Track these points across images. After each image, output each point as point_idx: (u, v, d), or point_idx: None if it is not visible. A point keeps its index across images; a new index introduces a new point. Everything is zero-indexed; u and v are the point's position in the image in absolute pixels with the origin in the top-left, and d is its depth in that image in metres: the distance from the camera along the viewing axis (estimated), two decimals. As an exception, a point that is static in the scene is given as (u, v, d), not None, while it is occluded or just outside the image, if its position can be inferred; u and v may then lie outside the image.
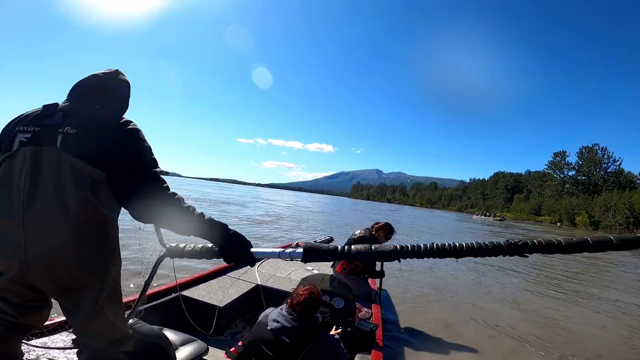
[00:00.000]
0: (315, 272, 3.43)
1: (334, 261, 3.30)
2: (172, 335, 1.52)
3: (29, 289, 1.00)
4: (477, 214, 61.78)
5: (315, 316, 1.74)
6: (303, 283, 2.39)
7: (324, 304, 2.13)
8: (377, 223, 3.35)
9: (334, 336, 1.92)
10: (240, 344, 1.68)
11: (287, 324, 1.64)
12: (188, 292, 2.43)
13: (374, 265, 3.22)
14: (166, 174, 1.08)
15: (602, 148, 66.91)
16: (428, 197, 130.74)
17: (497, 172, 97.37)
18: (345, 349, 1.83)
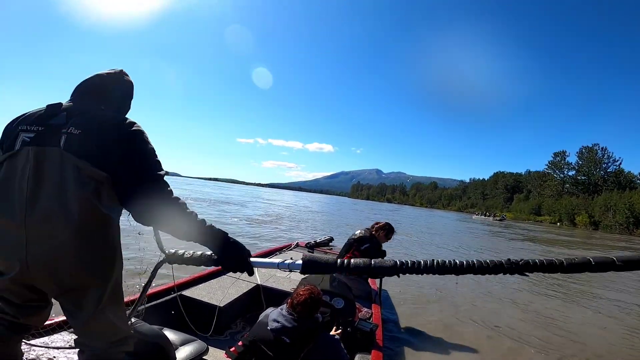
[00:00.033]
0: (316, 272, 3.43)
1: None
2: (172, 335, 1.52)
3: (29, 289, 1.00)
4: (477, 214, 61.78)
5: (316, 316, 1.74)
6: (303, 283, 2.39)
7: (324, 304, 2.13)
8: (377, 223, 3.35)
9: (334, 336, 1.92)
10: (241, 343, 1.68)
11: (287, 324, 1.63)
12: (188, 292, 2.43)
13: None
14: (166, 173, 1.08)
15: (602, 148, 67.01)
16: (428, 197, 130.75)
17: (497, 172, 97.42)
18: (345, 349, 1.83)
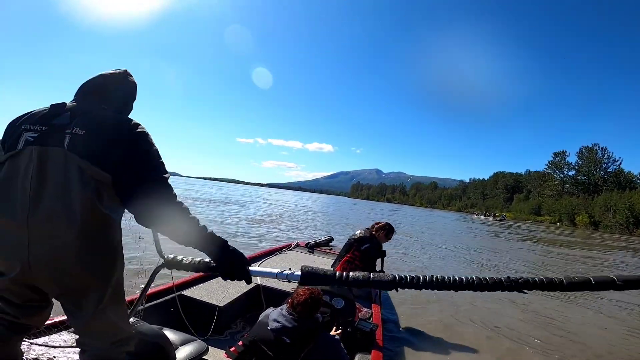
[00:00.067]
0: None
1: (334, 260, 3.30)
2: (172, 335, 1.52)
3: (30, 289, 0.99)
4: (477, 214, 61.78)
5: (316, 316, 1.74)
6: (303, 283, 2.39)
7: (324, 304, 2.13)
8: (378, 223, 3.35)
9: (335, 336, 1.92)
10: (241, 343, 1.68)
11: (287, 324, 1.63)
12: (188, 292, 2.43)
13: (374, 265, 3.22)
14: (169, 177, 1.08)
15: (602, 148, 66.96)
16: (428, 197, 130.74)
17: (496, 172, 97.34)
18: (346, 349, 1.83)
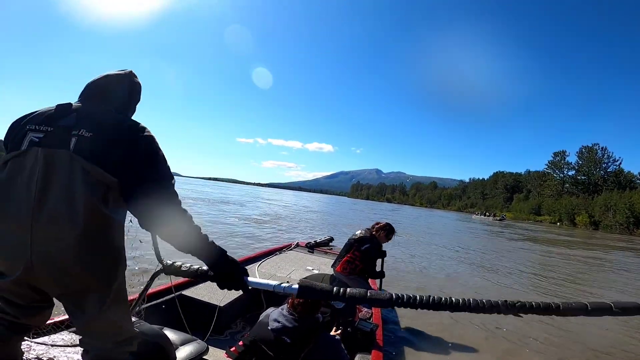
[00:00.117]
0: (316, 272, 3.42)
1: (334, 261, 3.30)
2: (172, 335, 1.51)
3: (32, 290, 0.99)
4: (476, 214, 61.83)
5: (316, 316, 1.74)
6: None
7: (325, 304, 2.13)
8: (378, 223, 3.34)
9: (335, 336, 1.92)
10: (241, 343, 1.68)
11: (288, 324, 1.63)
12: (188, 292, 2.43)
13: (375, 265, 3.22)
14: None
15: (602, 148, 67.05)
16: (428, 197, 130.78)
17: (496, 172, 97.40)
18: (346, 349, 1.83)
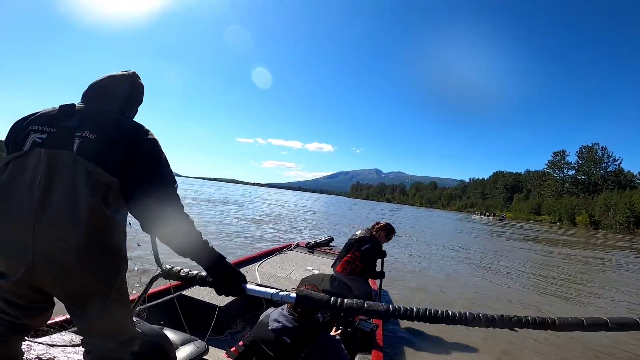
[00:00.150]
0: (316, 272, 3.42)
1: (334, 261, 3.30)
2: (172, 335, 1.52)
3: (33, 290, 0.99)
4: (476, 214, 61.86)
5: (316, 316, 1.74)
6: (304, 283, 2.39)
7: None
8: (378, 223, 3.35)
9: (335, 336, 1.92)
10: (241, 343, 1.68)
11: (288, 324, 1.63)
12: (188, 292, 2.43)
13: (375, 265, 3.22)
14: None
15: (602, 147, 67.02)
16: (427, 197, 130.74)
17: (496, 172, 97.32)
18: (346, 349, 1.82)
